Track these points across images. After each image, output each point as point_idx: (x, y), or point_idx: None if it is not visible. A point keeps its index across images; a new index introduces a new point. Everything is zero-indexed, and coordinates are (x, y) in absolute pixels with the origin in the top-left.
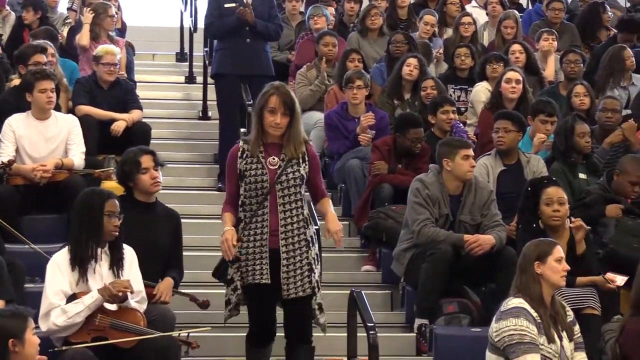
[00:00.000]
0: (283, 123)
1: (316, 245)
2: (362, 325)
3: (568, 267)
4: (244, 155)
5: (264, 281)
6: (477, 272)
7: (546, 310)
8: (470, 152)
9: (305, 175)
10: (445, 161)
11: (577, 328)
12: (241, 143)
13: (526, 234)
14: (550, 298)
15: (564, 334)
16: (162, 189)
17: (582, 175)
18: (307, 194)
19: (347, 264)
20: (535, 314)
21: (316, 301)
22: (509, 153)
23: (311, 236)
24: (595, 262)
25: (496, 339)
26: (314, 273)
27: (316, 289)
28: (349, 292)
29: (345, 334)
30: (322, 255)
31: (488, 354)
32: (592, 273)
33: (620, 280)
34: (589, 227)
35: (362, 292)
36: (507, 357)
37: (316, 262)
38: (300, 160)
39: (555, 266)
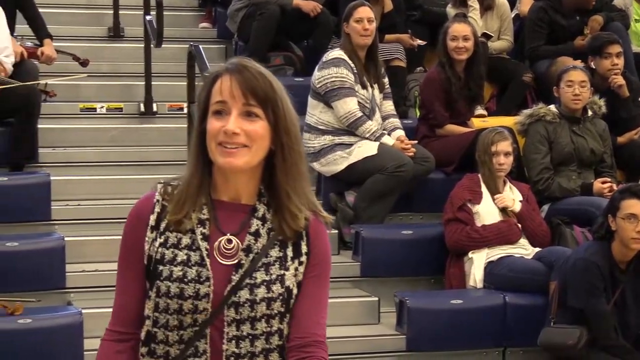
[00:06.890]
0: (247, 135)
1: None
2: (199, 75)
3: (368, 27)
4: (162, 226)
5: None
6: (300, 29)
7: (361, 62)
8: None
9: (295, 288)
10: None
11: (386, 80)
12: (157, 196)
13: None
14: (365, 52)
15: (376, 85)
16: None
17: None
18: None
19: (186, 21)
20: (352, 64)
21: None
22: None
23: None
24: (402, 22)
25: (318, 85)
26: None
27: None
28: (187, 46)
29: (186, 83)
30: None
31: (310, 100)
32: (399, 31)
33: (420, 41)
34: None
35: (200, 46)
36: (327, 102)
37: None
38: (291, 250)
39: (354, 26)
